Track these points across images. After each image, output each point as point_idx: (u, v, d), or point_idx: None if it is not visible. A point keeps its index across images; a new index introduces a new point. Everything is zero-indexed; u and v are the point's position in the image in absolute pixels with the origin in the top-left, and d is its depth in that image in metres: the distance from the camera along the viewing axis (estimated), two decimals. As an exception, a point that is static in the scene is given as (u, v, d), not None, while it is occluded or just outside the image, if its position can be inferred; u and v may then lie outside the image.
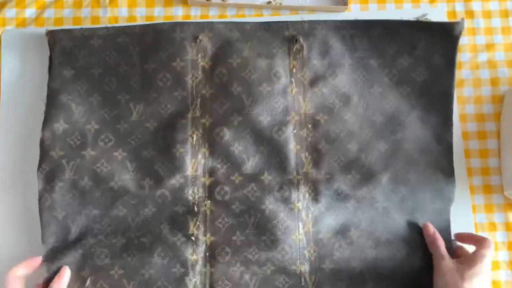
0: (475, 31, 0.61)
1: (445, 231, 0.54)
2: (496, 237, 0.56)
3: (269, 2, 0.60)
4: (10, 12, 0.59)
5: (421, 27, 0.57)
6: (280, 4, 0.60)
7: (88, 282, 0.50)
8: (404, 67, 0.56)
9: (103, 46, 0.56)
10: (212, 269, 0.52)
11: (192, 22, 0.57)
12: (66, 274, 0.50)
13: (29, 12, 0.59)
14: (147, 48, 0.55)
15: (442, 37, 0.56)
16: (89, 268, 0.50)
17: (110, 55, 0.56)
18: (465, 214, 0.55)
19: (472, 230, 0.56)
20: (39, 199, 0.52)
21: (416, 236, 0.53)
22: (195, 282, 0.51)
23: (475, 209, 0.57)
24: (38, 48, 0.57)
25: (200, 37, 0.55)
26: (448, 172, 0.55)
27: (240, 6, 0.60)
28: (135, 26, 0.56)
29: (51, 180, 0.52)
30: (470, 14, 0.61)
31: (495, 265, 0.56)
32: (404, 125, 0.55)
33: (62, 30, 0.56)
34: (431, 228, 0.52)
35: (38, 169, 0.52)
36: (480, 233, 0.56)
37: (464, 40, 0.60)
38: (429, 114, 0.56)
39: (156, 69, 0.55)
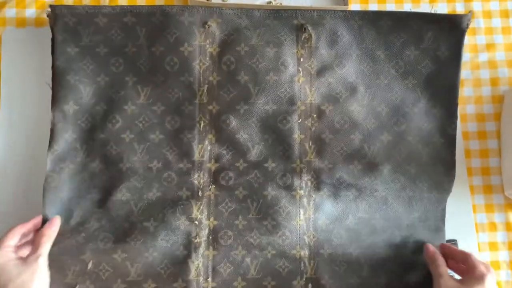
0: (476, 31, 0.61)
1: (440, 220, 0.55)
2: (496, 237, 0.56)
3: (269, 2, 0.60)
4: (10, 12, 0.59)
5: (429, 19, 0.56)
6: (280, 4, 0.60)
7: (90, 265, 0.50)
8: (410, 59, 0.57)
9: (108, 24, 0.55)
10: (215, 252, 0.52)
11: (201, 7, 0.56)
12: (57, 223, 0.50)
13: (29, 12, 0.59)
14: (154, 30, 0.55)
15: (449, 30, 0.56)
16: (91, 252, 0.50)
17: (116, 35, 0.55)
18: (465, 214, 0.55)
19: (473, 230, 0.56)
20: (45, 180, 0.52)
21: (411, 224, 0.54)
22: (198, 264, 0.51)
23: (475, 209, 0.57)
24: (38, 48, 0.57)
25: (209, 22, 0.55)
26: (449, 164, 0.55)
27: (239, 7, 0.60)
28: (142, 6, 0.55)
29: (62, 161, 0.52)
30: (470, 14, 0.61)
31: (495, 265, 0.56)
32: (408, 117, 0.56)
33: (64, 5, 0.55)
34: (431, 248, 0.52)
35: (48, 150, 0.52)
36: (480, 233, 0.56)
37: (464, 40, 0.60)
38: (433, 106, 0.56)
39: (163, 52, 0.54)
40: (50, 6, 0.54)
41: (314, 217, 0.53)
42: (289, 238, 0.52)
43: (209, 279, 0.52)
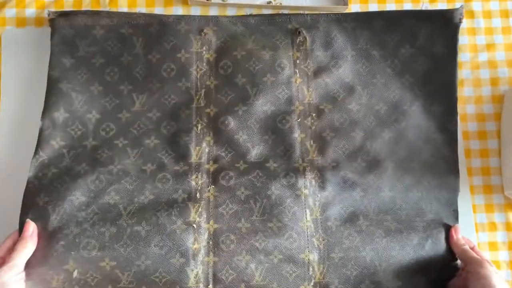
0: (475, 31, 0.61)
1: (454, 222, 0.53)
2: (496, 237, 0.56)
3: (269, 2, 0.60)
4: (10, 12, 0.59)
5: (421, 16, 0.57)
6: (280, 4, 0.60)
7: (75, 274, 0.47)
8: (406, 57, 0.57)
9: (105, 36, 0.55)
10: (216, 258, 0.50)
11: (197, 16, 0.57)
12: (29, 229, 0.47)
13: (29, 12, 0.59)
14: (151, 39, 0.55)
15: (443, 26, 0.56)
16: (74, 261, 0.47)
17: (113, 45, 0.55)
18: (465, 214, 0.55)
19: (473, 230, 0.56)
20: (26, 186, 0.50)
21: (425, 226, 0.52)
22: (197, 272, 0.49)
23: (475, 209, 0.57)
24: (38, 48, 0.57)
25: (205, 30, 0.56)
26: (451, 161, 0.55)
27: (240, 6, 0.60)
28: (139, 17, 0.56)
29: (46, 167, 0.52)
30: (470, 14, 0.61)
31: (495, 265, 0.56)
32: (407, 114, 0.56)
33: (63, 18, 0.55)
34: (458, 234, 0.52)
35: (33, 156, 0.52)
36: (480, 233, 0.56)
37: (464, 40, 0.60)
38: (432, 103, 0.56)
39: (160, 59, 0.55)
40: (50, 19, 0.55)
41: (322, 218, 0.52)
42: (296, 241, 0.50)
43: (210, 286, 0.49)
